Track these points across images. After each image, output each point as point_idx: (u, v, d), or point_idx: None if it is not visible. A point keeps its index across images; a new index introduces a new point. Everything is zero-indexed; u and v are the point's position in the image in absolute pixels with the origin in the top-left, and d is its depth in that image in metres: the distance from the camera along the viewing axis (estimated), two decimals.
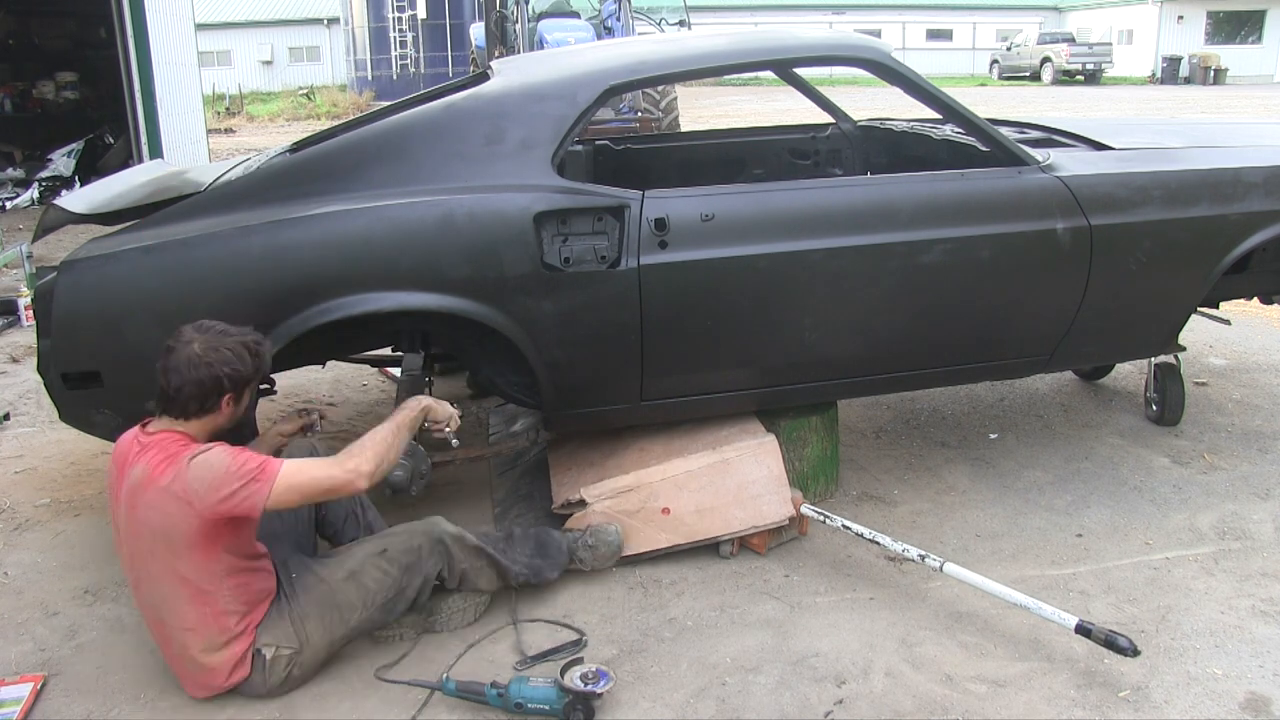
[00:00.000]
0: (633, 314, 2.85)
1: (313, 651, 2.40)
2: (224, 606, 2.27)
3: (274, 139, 16.34)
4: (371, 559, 2.48)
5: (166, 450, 2.22)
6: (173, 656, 2.36)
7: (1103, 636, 2.38)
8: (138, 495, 2.22)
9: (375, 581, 2.46)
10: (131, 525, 2.25)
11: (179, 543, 2.20)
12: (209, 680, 2.33)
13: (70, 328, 2.70)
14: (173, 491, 2.17)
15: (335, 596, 2.42)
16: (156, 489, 2.18)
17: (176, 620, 2.28)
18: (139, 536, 2.25)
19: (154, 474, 2.19)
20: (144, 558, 2.26)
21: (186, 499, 2.16)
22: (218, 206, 2.85)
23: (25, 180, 10.64)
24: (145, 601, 2.34)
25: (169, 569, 2.23)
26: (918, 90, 3.17)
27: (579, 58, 3.33)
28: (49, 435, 4.04)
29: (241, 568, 2.30)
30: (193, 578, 2.23)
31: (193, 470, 2.17)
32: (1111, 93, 25.91)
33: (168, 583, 2.25)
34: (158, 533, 2.20)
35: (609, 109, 10.80)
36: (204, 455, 2.20)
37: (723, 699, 2.39)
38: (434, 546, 2.55)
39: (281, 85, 31.63)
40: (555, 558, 2.78)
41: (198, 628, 2.27)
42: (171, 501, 2.17)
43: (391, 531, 2.61)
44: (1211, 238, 3.33)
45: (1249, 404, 4.17)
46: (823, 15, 34.02)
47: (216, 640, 2.29)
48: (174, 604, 2.26)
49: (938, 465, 3.64)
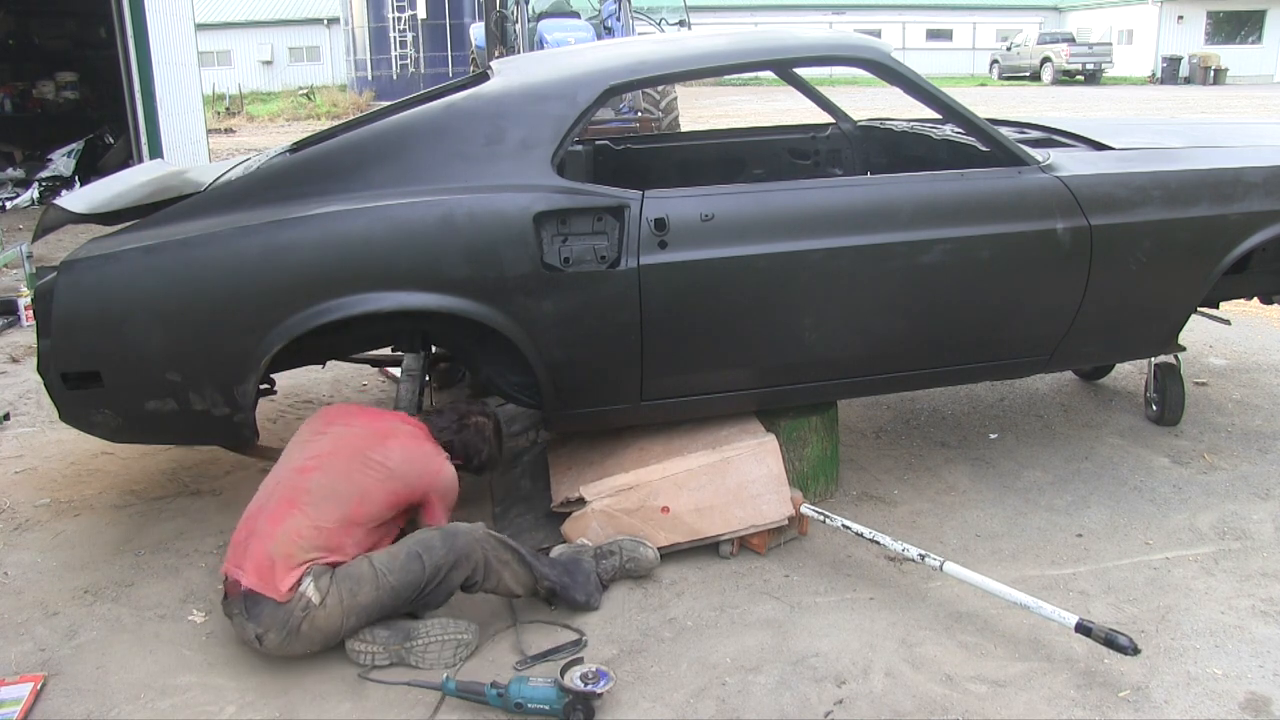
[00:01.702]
0: (632, 314, 2.85)
1: (326, 616, 2.42)
2: (345, 538, 2.50)
3: (274, 139, 16.35)
4: (398, 544, 2.57)
5: (429, 438, 2.80)
6: (263, 537, 2.45)
7: (1103, 635, 2.38)
8: (405, 436, 2.70)
9: (383, 563, 2.50)
10: (374, 441, 2.63)
11: (394, 482, 2.60)
12: (273, 579, 2.41)
13: (70, 328, 2.70)
14: (430, 463, 2.71)
15: (355, 568, 2.50)
16: (425, 450, 2.72)
17: (317, 513, 2.48)
18: (373, 450, 2.60)
19: (428, 443, 2.75)
20: (355, 464, 2.57)
21: (434, 474, 2.70)
22: (218, 206, 2.86)
23: (25, 180, 10.64)
24: (302, 484, 2.53)
25: (364, 487, 2.55)
26: (918, 90, 3.17)
27: (579, 58, 3.33)
28: (49, 435, 4.04)
29: (375, 525, 2.59)
30: (366, 505, 2.54)
31: (447, 472, 2.75)
32: (1111, 93, 25.91)
33: (352, 489, 2.54)
34: (392, 470, 2.59)
35: (609, 109, 10.80)
36: (453, 472, 2.78)
37: (723, 699, 2.39)
38: (466, 548, 2.54)
39: (281, 85, 31.63)
40: (581, 582, 2.74)
41: (322, 530, 2.47)
42: (425, 464, 2.69)
43: (432, 528, 2.66)
44: (1211, 238, 3.33)
45: (1249, 404, 4.17)
46: (823, 15, 34.02)
47: (311, 549, 2.45)
48: (331, 504, 2.50)
49: (938, 465, 3.64)
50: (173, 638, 2.66)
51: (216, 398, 2.78)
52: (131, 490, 3.53)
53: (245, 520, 2.54)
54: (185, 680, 2.49)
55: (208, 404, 2.79)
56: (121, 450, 3.77)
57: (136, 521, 3.30)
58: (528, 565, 2.65)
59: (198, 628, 2.70)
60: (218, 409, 2.80)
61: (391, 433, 2.68)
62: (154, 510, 3.38)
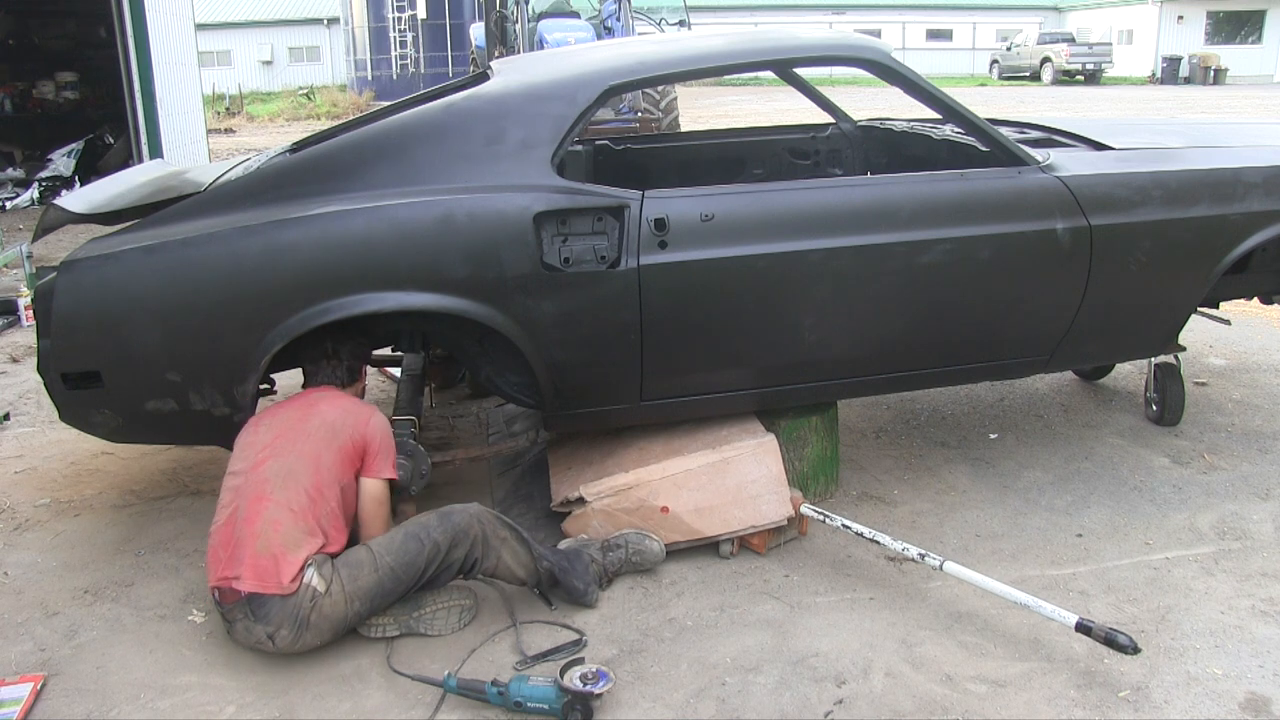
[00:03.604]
0: (632, 314, 2.85)
1: (332, 603, 2.46)
2: (319, 511, 2.52)
3: (274, 139, 16.35)
4: (395, 529, 2.64)
5: (350, 395, 2.81)
6: (245, 542, 2.46)
7: (1103, 634, 2.38)
8: (327, 398, 2.71)
9: (380, 545, 2.56)
10: (305, 412, 2.65)
11: (339, 438, 2.60)
12: (275, 574, 2.42)
13: (70, 328, 2.70)
14: (360, 409, 2.70)
15: (354, 554, 2.55)
16: (349, 400, 2.73)
17: (285, 496, 2.49)
18: (308, 420, 2.62)
19: (348, 396, 2.76)
20: (299, 437, 2.58)
21: (365, 420, 2.66)
22: (218, 206, 2.86)
23: (25, 180, 10.64)
24: (263, 478, 2.52)
25: (315, 453, 2.56)
26: (918, 90, 3.17)
27: (579, 58, 3.33)
28: (49, 435, 4.04)
29: (349, 494, 2.63)
30: (323, 471, 2.55)
31: (378, 417, 2.70)
32: (1111, 93, 25.91)
33: (305, 462, 2.54)
34: (330, 424, 2.61)
35: (609, 109, 10.81)
36: (385, 421, 2.74)
37: (723, 699, 2.39)
38: (463, 525, 2.58)
39: (281, 85, 31.62)
40: (581, 571, 2.76)
41: (297, 512, 2.48)
42: (356, 412, 2.67)
43: (429, 511, 2.68)
44: (1211, 238, 3.33)
45: (1249, 404, 4.17)
46: (823, 15, 34.02)
47: (295, 535, 2.46)
48: (293, 482, 2.51)
49: (938, 465, 3.64)
50: (173, 638, 2.66)
51: (216, 398, 2.79)
52: (131, 490, 3.53)
53: (218, 533, 2.54)
54: (185, 680, 2.49)
55: (208, 404, 2.80)
56: (121, 450, 3.77)
57: (136, 521, 3.30)
58: (526, 543, 2.68)
59: (198, 628, 2.70)
60: (218, 409, 2.80)
61: (315, 400, 2.72)
62: (154, 510, 3.38)
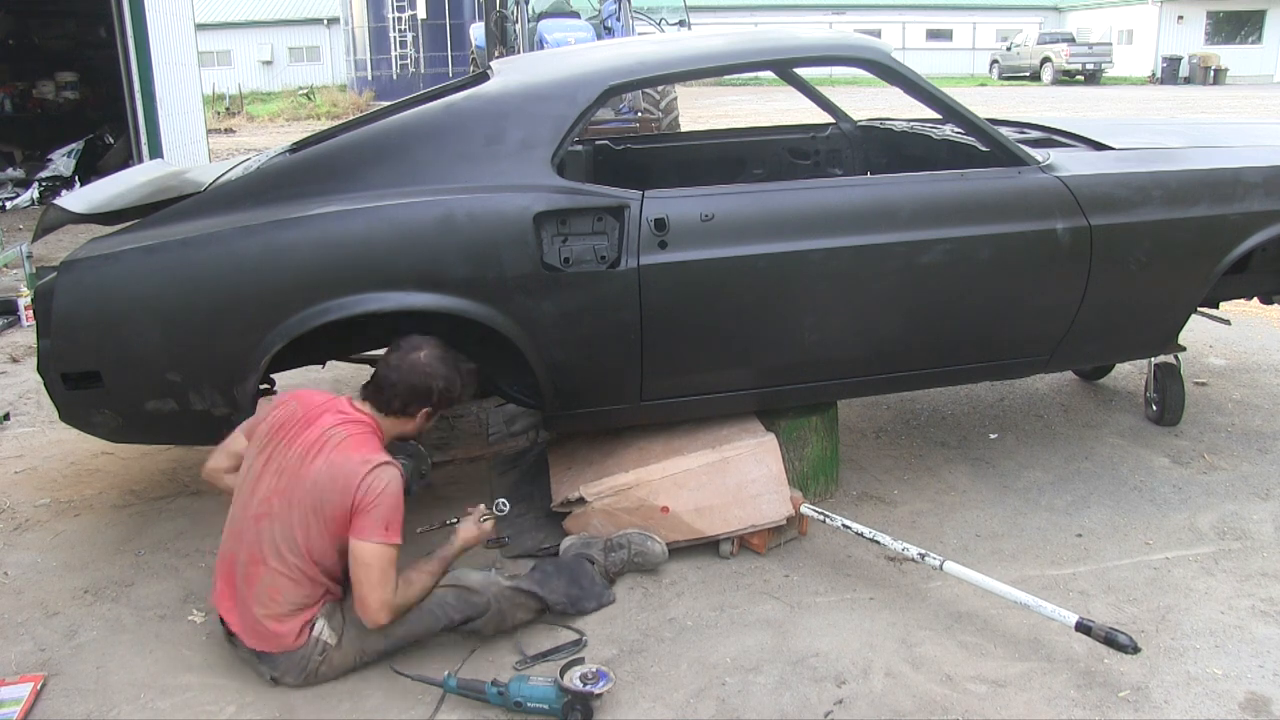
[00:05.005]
0: (633, 314, 2.85)
1: (341, 656, 2.45)
2: (319, 570, 2.40)
3: (274, 139, 16.34)
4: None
5: (366, 439, 2.45)
6: (246, 601, 2.40)
7: (1103, 634, 2.38)
8: (328, 450, 2.39)
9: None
10: (303, 469, 2.39)
11: (324, 508, 2.36)
12: (277, 638, 2.38)
13: (70, 328, 2.70)
14: (352, 467, 2.35)
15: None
16: (348, 459, 2.37)
17: (281, 565, 2.37)
18: (303, 479, 2.38)
19: (353, 448, 2.39)
20: (294, 495, 2.38)
21: (353, 484, 2.33)
22: (218, 206, 2.86)
23: (25, 180, 10.64)
24: (259, 538, 2.39)
25: (305, 521, 2.37)
26: (918, 90, 3.17)
27: (579, 58, 3.33)
28: (49, 435, 4.04)
29: (332, 539, 2.41)
30: (314, 540, 2.37)
31: (374, 478, 2.34)
32: (1111, 93, 25.90)
33: (299, 530, 2.37)
34: (318, 489, 2.36)
35: (609, 109, 10.81)
36: (389, 478, 2.36)
37: (723, 699, 2.39)
38: (480, 607, 2.54)
39: (281, 85, 31.61)
40: (589, 589, 2.75)
41: (296, 580, 2.38)
42: (347, 474, 2.34)
43: (450, 586, 2.57)
44: (1211, 238, 3.33)
45: (1249, 404, 4.17)
46: (823, 15, 34.00)
47: (296, 598, 2.38)
48: (288, 549, 2.37)
49: (938, 465, 3.64)
50: (173, 638, 2.66)
51: (216, 398, 2.79)
52: (131, 490, 3.53)
53: (220, 563, 2.50)
54: (185, 680, 2.49)
55: (208, 404, 2.80)
56: (121, 450, 3.77)
57: (136, 521, 3.30)
58: (541, 600, 2.65)
59: (198, 628, 2.70)
60: (218, 409, 2.80)
61: (323, 445, 2.42)
62: (154, 510, 3.38)
